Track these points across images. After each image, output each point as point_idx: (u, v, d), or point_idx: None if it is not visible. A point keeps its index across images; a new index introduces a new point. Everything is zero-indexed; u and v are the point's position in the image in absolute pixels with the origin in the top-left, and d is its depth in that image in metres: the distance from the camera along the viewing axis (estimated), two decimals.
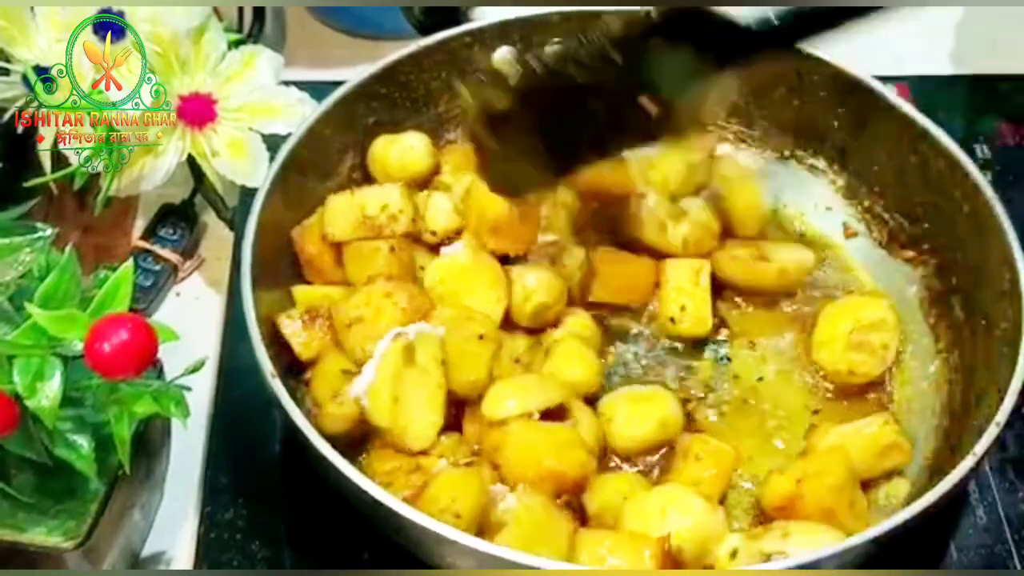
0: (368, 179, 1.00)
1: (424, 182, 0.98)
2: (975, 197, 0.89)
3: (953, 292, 0.93)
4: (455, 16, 1.04)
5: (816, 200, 1.04)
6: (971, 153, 0.97)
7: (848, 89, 0.97)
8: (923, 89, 0.95)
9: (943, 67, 0.94)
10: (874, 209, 1.00)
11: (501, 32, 1.01)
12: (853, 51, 0.95)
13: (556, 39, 0.99)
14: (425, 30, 1.04)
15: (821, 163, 1.03)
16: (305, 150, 0.93)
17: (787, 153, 1.04)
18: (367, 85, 0.98)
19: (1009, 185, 1.07)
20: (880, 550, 0.74)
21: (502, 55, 1.01)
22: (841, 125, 1.00)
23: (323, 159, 0.97)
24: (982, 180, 0.89)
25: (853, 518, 0.81)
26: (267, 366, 0.79)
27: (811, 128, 1.02)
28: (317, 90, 0.96)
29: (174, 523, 0.89)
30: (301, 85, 0.95)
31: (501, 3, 1.03)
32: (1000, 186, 0.89)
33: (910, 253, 0.97)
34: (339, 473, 0.74)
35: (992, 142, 1.15)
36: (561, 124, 0.84)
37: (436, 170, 1.00)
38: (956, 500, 0.86)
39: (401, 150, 0.98)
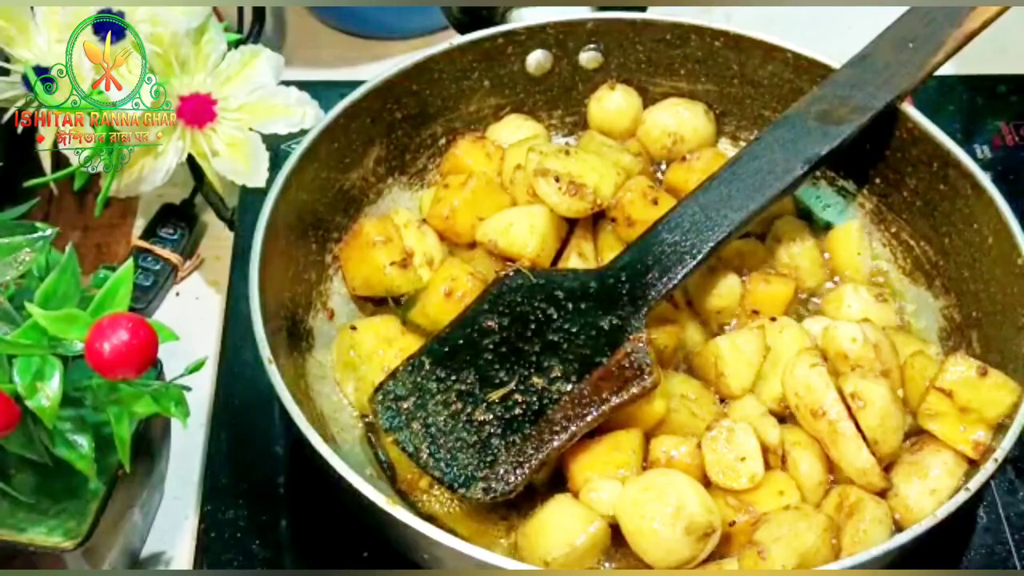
0: (392, 171, 1.00)
1: None
2: (1001, 231, 0.87)
3: (973, 325, 0.91)
4: (492, 17, 1.04)
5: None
6: (971, 153, 0.96)
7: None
8: (924, 90, 0.95)
9: (943, 67, 0.93)
10: (901, 235, 0.98)
11: (535, 34, 1.01)
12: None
13: (591, 44, 1.01)
14: (463, 29, 1.04)
15: (851, 186, 1.01)
16: (329, 139, 0.93)
17: (818, 175, 1.01)
18: (397, 80, 0.97)
19: (1009, 185, 1.06)
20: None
21: (536, 58, 1.02)
22: (873, 148, 0.97)
23: (347, 149, 0.96)
24: (1010, 215, 0.87)
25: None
26: (265, 352, 0.79)
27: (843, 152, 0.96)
28: (317, 90, 0.95)
29: (174, 523, 0.89)
30: (301, 85, 0.95)
31: (532, 3, 1.03)
32: (1000, 186, 0.89)
33: (935, 282, 0.95)
34: (324, 460, 0.74)
35: (992, 142, 1.15)
36: None
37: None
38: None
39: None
